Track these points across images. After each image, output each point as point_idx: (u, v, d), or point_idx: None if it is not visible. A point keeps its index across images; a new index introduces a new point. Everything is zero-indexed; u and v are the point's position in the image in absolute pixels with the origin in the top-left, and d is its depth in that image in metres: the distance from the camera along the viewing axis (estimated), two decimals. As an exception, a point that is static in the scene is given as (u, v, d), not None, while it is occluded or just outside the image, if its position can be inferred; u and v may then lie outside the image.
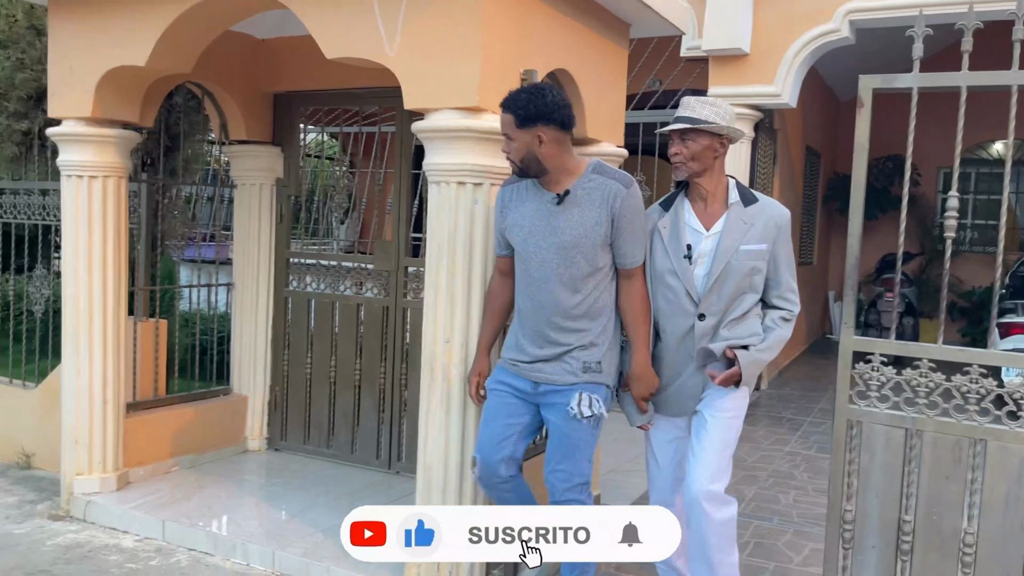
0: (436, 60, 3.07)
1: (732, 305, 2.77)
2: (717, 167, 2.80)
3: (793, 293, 2.84)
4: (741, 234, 2.74)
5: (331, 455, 4.86)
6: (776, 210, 2.82)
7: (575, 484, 2.84)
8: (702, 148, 2.73)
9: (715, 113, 2.74)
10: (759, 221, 2.76)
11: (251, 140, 4.87)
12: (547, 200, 2.82)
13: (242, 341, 5.04)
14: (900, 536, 2.71)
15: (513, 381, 2.93)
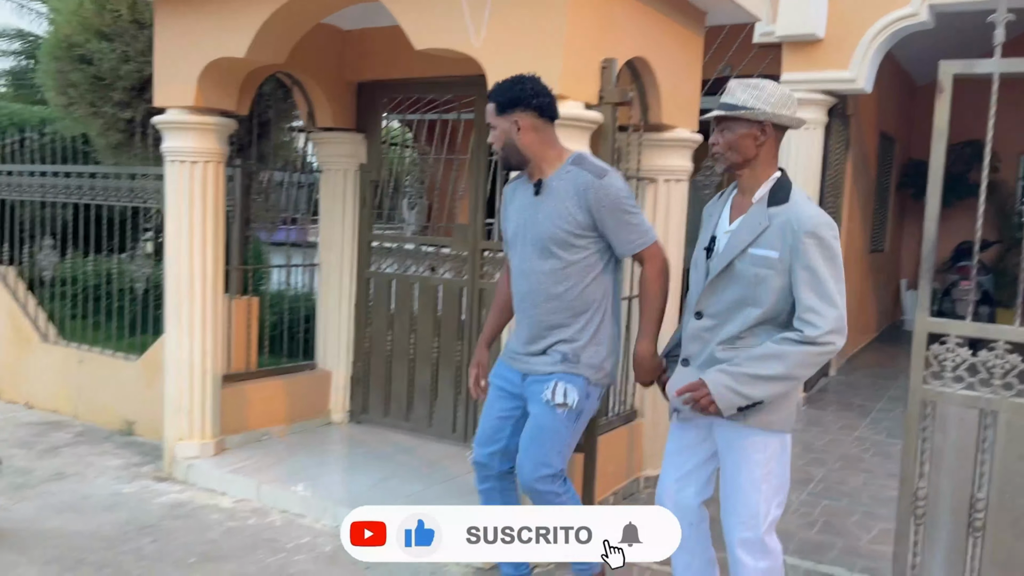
0: (520, 50, 3.21)
1: (731, 314, 2.43)
2: (763, 158, 2.41)
3: (816, 314, 2.30)
4: (753, 235, 2.38)
5: (409, 428, 5.09)
6: (796, 213, 2.34)
7: (543, 474, 2.79)
8: (738, 137, 2.38)
9: (755, 97, 2.37)
10: (776, 223, 2.35)
11: (336, 127, 5.09)
12: (530, 192, 2.87)
13: (327, 319, 5.29)
14: (972, 514, 2.78)
15: (507, 373, 2.97)
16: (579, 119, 3.22)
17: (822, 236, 2.31)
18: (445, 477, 4.34)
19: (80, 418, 5.54)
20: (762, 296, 2.37)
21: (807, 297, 2.31)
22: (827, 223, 2.33)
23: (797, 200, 2.38)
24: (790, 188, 2.41)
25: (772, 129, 2.39)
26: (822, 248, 2.30)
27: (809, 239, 2.30)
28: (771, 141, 2.41)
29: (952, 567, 2.83)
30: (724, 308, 2.43)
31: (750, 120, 2.37)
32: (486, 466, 3.01)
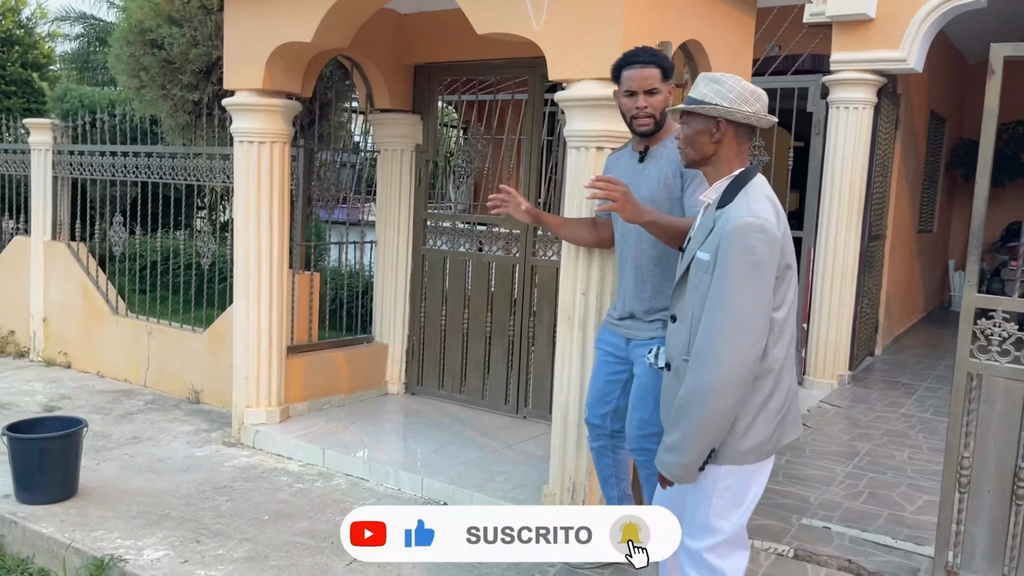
0: (579, 34, 3.34)
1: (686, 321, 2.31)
2: (723, 155, 2.28)
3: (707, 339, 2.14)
4: (703, 237, 2.26)
5: (463, 400, 5.28)
6: (727, 213, 2.17)
7: (647, 433, 2.90)
8: (694, 132, 2.29)
9: (714, 92, 2.23)
10: (716, 225, 2.21)
11: (394, 108, 5.27)
12: (635, 159, 3.05)
13: (383, 294, 5.49)
14: (1016, 482, 2.88)
15: (611, 339, 3.15)
16: (636, 101, 3.34)
17: (743, 235, 2.10)
18: (501, 445, 4.53)
19: (149, 387, 5.83)
20: (698, 301, 2.22)
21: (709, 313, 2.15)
22: (753, 223, 2.11)
23: (739, 199, 2.19)
24: (741, 187, 2.22)
25: (728, 125, 2.24)
26: (739, 251, 2.10)
27: (728, 239, 2.12)
28: (730, 138, 2.26)
29: (995, 535, 2.94)
30: (683, 312, 2.32)
31: (705, 116, 2.25)
32: (599, 426, 3.19)
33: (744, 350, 2.11)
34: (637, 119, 2.94)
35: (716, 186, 2.30)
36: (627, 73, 2.94)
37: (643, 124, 2.94)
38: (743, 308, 2.11)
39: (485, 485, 3.94)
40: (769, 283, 2.13)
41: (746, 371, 2.13)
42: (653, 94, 2.92)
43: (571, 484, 3.54)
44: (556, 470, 3.60)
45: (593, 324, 3.44)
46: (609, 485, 3.32)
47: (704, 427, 2.14)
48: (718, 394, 2.12)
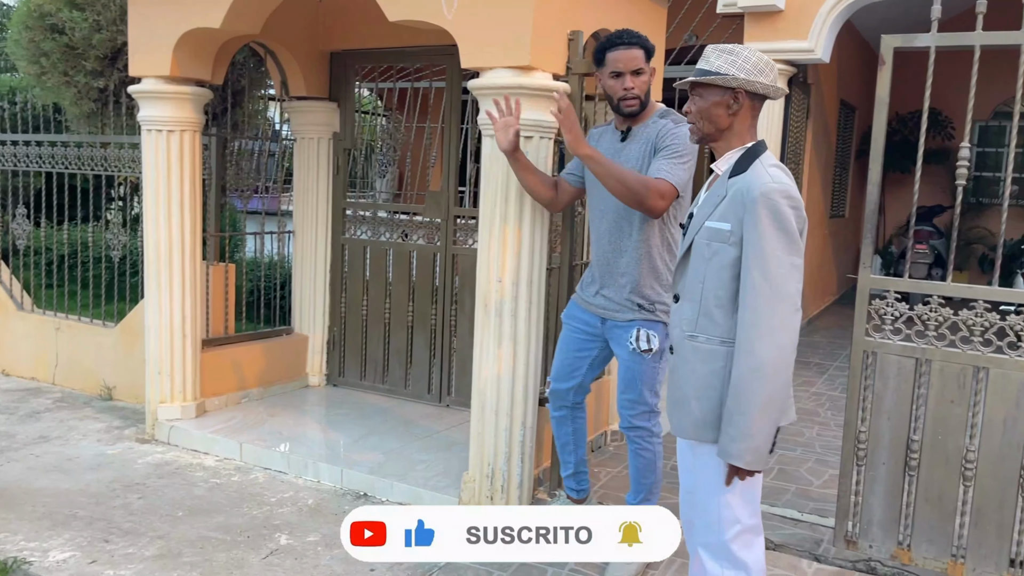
0: (491, 22, 3.34)
1: (693, 295, 2.25)
2: (737, 128, 2.22)
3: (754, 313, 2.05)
4: (712, 207, 2.21)
5: (386, 390, 5.26)
6: (748, 181, 2.11)
7: (639, 411, 3.14)
8: (710, 105, 2.20)
9: (730, 63, 2.16)
10: (731, 193, 2.16)
11: (310, 96, 5.19)
12: (616, 138, 3.15)
13: (303, 285, 5.42)
14: (908, 454, 3.03)
15: (583, 315, 3.28)
16: (548, 89, 3.36)
17: (771, 202, 2.04)
18: (423, 434, 4.53)
19: (59, 384, 5.64)
20: (711, 273, 2.17)
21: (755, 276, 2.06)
22: (780, 189, 2.06)
23: (756, 167, 2.14)
24: (755, 157, 2.17)
25: (746, 97, 2.18)
26: (771, 215, 2.04)
27: (758, 206, 2.05)
28: (746, 110, 2.19)
29: (890, 504, 3.08)
30: (688, 289, 2.25)
31: (723, 87, 2.17)
32: (563, 396, 3.35)
33: (790, 317, 2.06)
34: (625, 100, 3.01)
35: (727, 156, 2.24)
36: (613, 55, 2.99)
37: (630, 105, 3.03)
38: (783, 275, 2.04)
39: (406, 474, 3.94)
40: (800, 247, 2.09)
41: (795, 338, 2.08)
42: (639, 74, 3.01)
43: (490, 470, 3.57)
44: (475, 456, 3.62)
45: (509, 311, 3.47)
46: (567, 451, 3.48)
47: (770, 405, 2.05)
48: (776, 367, 2.04)
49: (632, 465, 3.27)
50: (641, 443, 3.20)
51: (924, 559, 3.04)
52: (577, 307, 3.32)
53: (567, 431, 3.45)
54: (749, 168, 2.14)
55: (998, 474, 2.89)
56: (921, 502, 3.02)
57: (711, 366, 2.16)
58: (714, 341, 2.17)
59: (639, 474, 3.25)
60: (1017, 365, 2.83)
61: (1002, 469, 2.88)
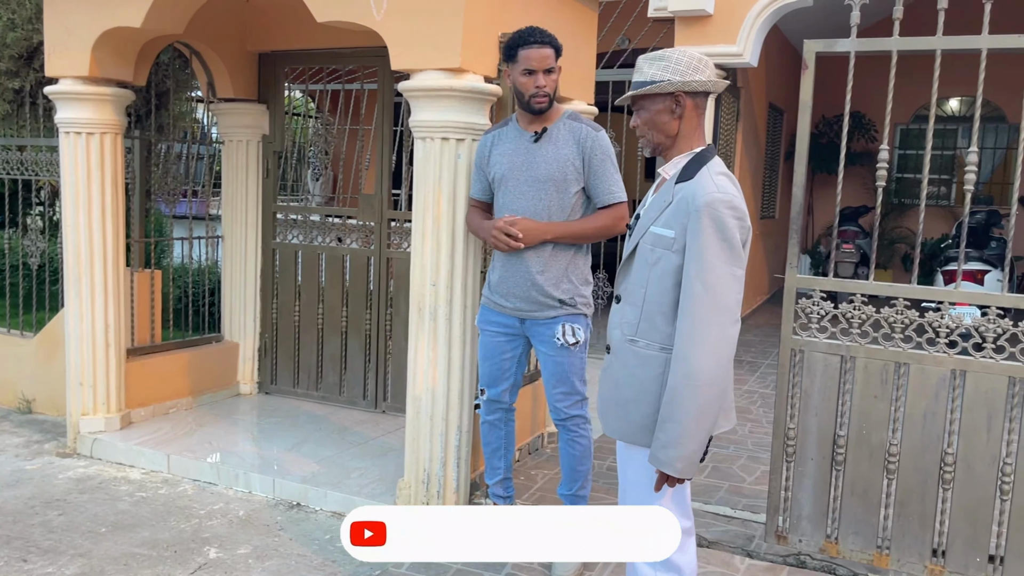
0: (421, 24, 3.32)
1: (634, 299, 2.23)
2: (685, 131, 2.19)
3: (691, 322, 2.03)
4: (657, 212, 2.18)
5: (320, 397, 5.18)
6: (693, 189, 2.08)
7: (574, 401, 3.20)
8: (654, 114, 2.17)
9: (662, 68, 2.14)
10: (676, 200, 2.12)
11: (238, 98, 5.07)
12: (526, 139, 3.15)
13: (232, 291, 5.29)
14: (835, 449, 3.10)
15: (499, 318, 3.26)
16: (480, 92, 3.35)
17: (714, 213, 2.01)
18: (358, 440, 4.46)
19: (-25, 398, 5.39)
20: (654, 279, 2.15)
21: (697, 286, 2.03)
22: (724, 199, 2.02)
23: (702, 174, 2.10)
24: (703, 163, 2.14)
25: (687, 98, 2.14)
26: (713, 226, 2.00)
27: (702, 216, 2.02)
28: (690, 111, 2.16)
29: (818, 499, 3.15)
30: (631, 291, 2.24)
31: (662, 94, 2.14)
32: (499, 401, 3.37)
33: (728, 327, 2.04)
34: (536, 98, 3.05)
35: (675, 161, 2.20)
36: (524, 52, 3.02)
37: (540, 102, 3.06)
38: (723, 287, 2.02)
39: (340, 482, 3.87)
40: (742, 259, 2.07)
41: (732, 350, 2.06)
42: (550, 73, 3.05)
43: (426, 476, 3.54)
44: (411, 462, 3.58)
45: (444, 314, 3.45)
46: (497, 456, 3.46)
47: (703, 415, 2.03)
48: (712, 378, 2.02)
49: (567, 455, 3.28)
50: (578, 431, 3.25)
51: (851, 551, 3.11)
52: (491, 311, 3.30)
53: (499, 435, 3.44)
54: (696, 175, 2.11)
55: (920, 466, 2.98)
56: (848, 496, 3.10)
57: (650, 372, 2.16)
58: (654, 347, 2.15)
59: (575, 462, 3.27)
60: (935, 360, 2.93)
61: (923, 461, 2.97)
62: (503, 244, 3.06)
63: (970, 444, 2.90)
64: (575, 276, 3.18)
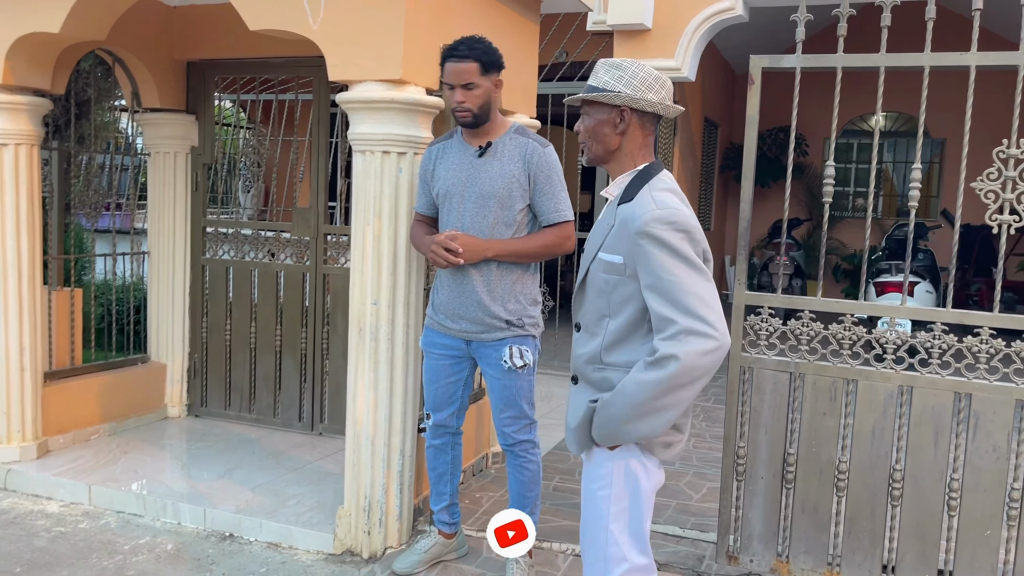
0: (361, 34, 3.20)
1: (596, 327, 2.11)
2: (627, 149, 2.08)
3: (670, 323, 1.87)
4: (601, 237, 2.10)
5: (253, 419, 4.97)
6: (632, 211, 1.98)
7: (522, 425, 3.11)
8: (596, 124, 2.07)
9: (616, 78, 2.03)
10: (618, 223, 2.03)
11: (164, 108, 4.85)
12: (470, 153, 3.04)
13: (159, 310, 5.05)
14: (785, 467, 3.07)
15: (445, 341, 3.14)
16: (422, 104, 3.25)
17: (655, 234, 1.90)
18: (295, 465, 4.28)
19: None
20: (615, 306, 2.04)
21: (658, 306, 1.90)
22: (662, 217, 1.91)
23: (642, 195, 2.00)
24: (645, 181, 2.03)
25: (633, 115, 2.04)
26: (659, 246, 1.90)
27: (642, 239, 1.92)
28: (635, 129, 2.05)
29: (769, 517, 3.12)
30: (591, 319, 2.12)
31: (608, 104, 2.04)
32: (445, 426, 3.26)
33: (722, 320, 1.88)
34: (457, 112, 2.96)
35: (618, 181, 2.10)
36: (447, 66, 2.93)
37: (462, 116, 2.97)
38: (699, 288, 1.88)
39: (276, 511, 3.69)
40: (701, 267, 1.92)
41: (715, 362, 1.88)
42: (469, 88, 2.93)
43: (367, 503, 3.39)
44: (351, 489, 3.44)
45: (385, 334, 3.32)
46: (443, 482, 3.33)
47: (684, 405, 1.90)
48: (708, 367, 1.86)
49: (516, 481, 3.19)
50: (526, 456, 3.16)
51: (802, 570, 3.09)
52: (436, 333, 3.17)
53: (446, 460, 3.32)
54: (636, 196, 2.01)
55: (869, 483, 2.97)
56: (798, 514, 3.07)
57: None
58: (621, 371, 2.02)
59: (524, 488, 3.18)
60: (883, 376, 2.93)
61: (872, 478, 2.96)
62: (442, 260, 2.95)
63: (918, 460, 2.90)
64: (523, 296, 3.08)
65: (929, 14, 2.75)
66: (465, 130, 3.08)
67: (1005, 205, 2.72)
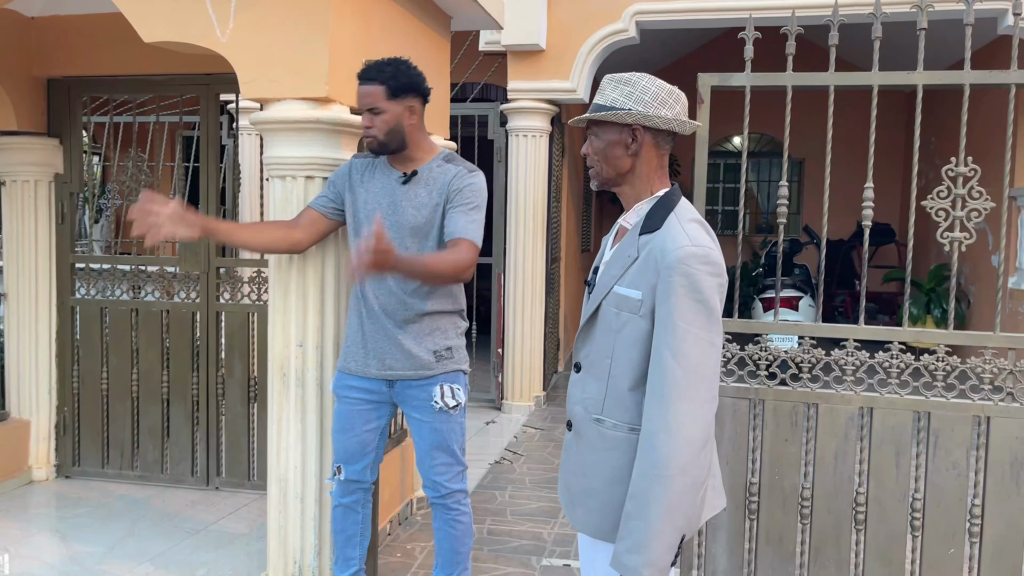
0: (279, 47, 2.88)
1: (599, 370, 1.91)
2: (642, 171, 1.91)
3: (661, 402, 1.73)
4: (621, 269, 1.87)
5: (137, 477, 4.43)
6: (661, 243, 1.79)
7: (455, 473, 2.85)
8: (606, 145, 1.90)
9: (626, 95, 1.87)
10: (643, 255, 1.83)
11: (22, 131, 4.28)
12: (394, 179, 2.77)
13: (20, 359, 4.43)
14: (748, 497, 2.97)
15: (361, 383, 2.83)
16: (348, 124, 2.96)
17: (689, 272, 1.73)
18: (195, 528, 3.82)
19: None
20: (620, 348, 1.85)
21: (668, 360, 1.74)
22: (699, 256, 1.75)
23: (670, 223, 1.82)
24: (670, 210, 1.86)
25: (646, 134, 1.88)
26: (687, 287, 1.73)
27: (674, 275, 1.74)
28: (649, 149, 1.90)
29: (733, 551, 3.00)
30: (594, 361, 1.93)
31: (619, 124, 1.88)
32: (359, 481, 2.90)
33: (704, 405, 1.74)
34: (366, 137, 2.70)
35: (636, 208, 1.92)
36: (357, 89, 2.68)
37: (368, 142, 2.71)
38: (698, 358, 1.73)
39: (184, 584, 3.26)
40: (719, 323, 1.78)
41: (708, 432, 1.75)
42: (375, 113, 2.67)
43: (297, 568, 3.03)
44: (276, 552, 3.07)
45: (313, 379, 2.99)
46: (352, 545, 2.95)
47: (673, 509, 1.71)
48: (682, 465, 1.70)
49: (447, 536, 2.90)
50: (459, 507, 2.89)
51: (768, 603, 2.99)
52: (350, 376, 2.84)
53: (356, 520, 2.93)
54: (664, 224, 1.82)
55: (833, 508, 2.91)
56: (763, 545, 2.97)
57: (622, 457, 1.84)
58: (623, 428, 1.85)
59: (457, 543, 2.91)
60: (843, 399, 2.88)
61: (836, 503, 2.90)
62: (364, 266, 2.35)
63: (880, 482, 2.87)
64: (449, 322, 2.83)
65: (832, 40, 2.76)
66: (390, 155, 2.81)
67: (956, 223, 2.74)
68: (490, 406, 6.51)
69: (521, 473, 4.80)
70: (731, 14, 5.72)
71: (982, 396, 2.77)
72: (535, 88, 6.18)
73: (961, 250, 2.77)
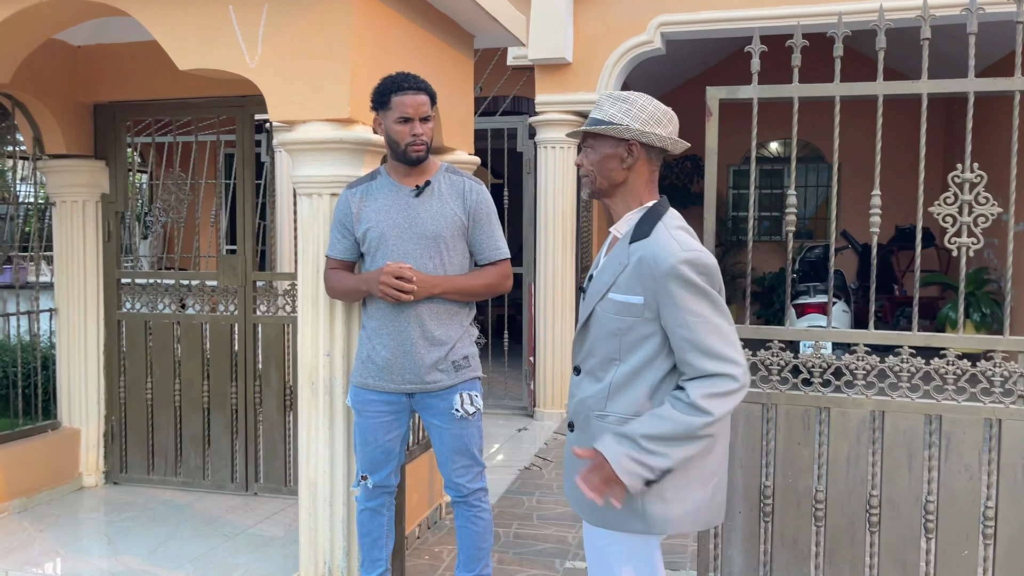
0: (303, 71, 3.03)
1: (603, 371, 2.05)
2: (633, 184, 2.06)
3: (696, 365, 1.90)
4: (612, 277, 2.02)
5: (180, 483, 4.62)
6: (652, 250, 1.93)
7: (476, 473, 2.99)
8: (602, 157, 2.04)
9: (624, 112, 2.00)
10: (633, 262, 1.97)
11: (71, 154, 4.51)
12: (404, 194, 2.88)
13: (70, 370, 4.66)
14: (762, 500, 3.03)
15: (380, 397, 2.92)
16: (370, 143, 3.10)
17: (684, 276, 1.89)
18: (233, 531, 3.98)
19: None
20: (627, 347, 1.98)
21: (685, 345, 1.91)
22: (687, 258, 1.90)
23: (658, 232, 1.96)
24: (658, 219, 2.00)
25: (641, 150, 2.02)
26: (686, 288, 1.89)
27: (670, 281, 1.89)
28: (642, 164, 2.04)
29: (748, 553, 3.06)
30: (596, 363, 2.06)
31: (616, 138, 2.02)
32: (385, 486, 3.04)
33: (742, 355, 1.94)
34: (412, 147, 2.81)
35: (626, 218, 2.07)
36: (399, 99, 2.78)
37: (417, 150, 2.83)
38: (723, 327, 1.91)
39: (222, 585, 3.41)
40: (725, 308, 1.94)
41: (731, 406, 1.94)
42: (427, 121, 2.83)
43: (327, 568, 3.17)
44: (307, 554, 3.20)
45: (340, 387, 3.13)
46: (379, 547, 3.08)
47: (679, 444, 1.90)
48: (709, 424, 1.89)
49: (469, 533, 3.02)
50: (480, 505, 3.03)
51: (784, 604, 3.04)
52: (368, 391, 2.94)
53: (381, 523, 3.06)
54: (652, 232, 1.96)
55: (846, 511, 2.95)
56: (778, 547, 3.03)
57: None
58: (629, 418, 1.96)
59: (479, 540, 3.03)
60: (855, 403, 2.93)
61: (849, 505, 2.95)
62: (394, 294, 2.74)
63: (893, 484, 2.91)
64: (463, 331, 2.96)
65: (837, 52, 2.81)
66: (394, 169, 2.92)
67: (963, 228, 2.78)
68: (522, 413, 6.61)
69: (549, 479, 4.89)
70: (755, 23, 5.76)
71: (993, 399, 2.80)
72: (562, 100, 6.29)
73: (969, 255, 2.81)
